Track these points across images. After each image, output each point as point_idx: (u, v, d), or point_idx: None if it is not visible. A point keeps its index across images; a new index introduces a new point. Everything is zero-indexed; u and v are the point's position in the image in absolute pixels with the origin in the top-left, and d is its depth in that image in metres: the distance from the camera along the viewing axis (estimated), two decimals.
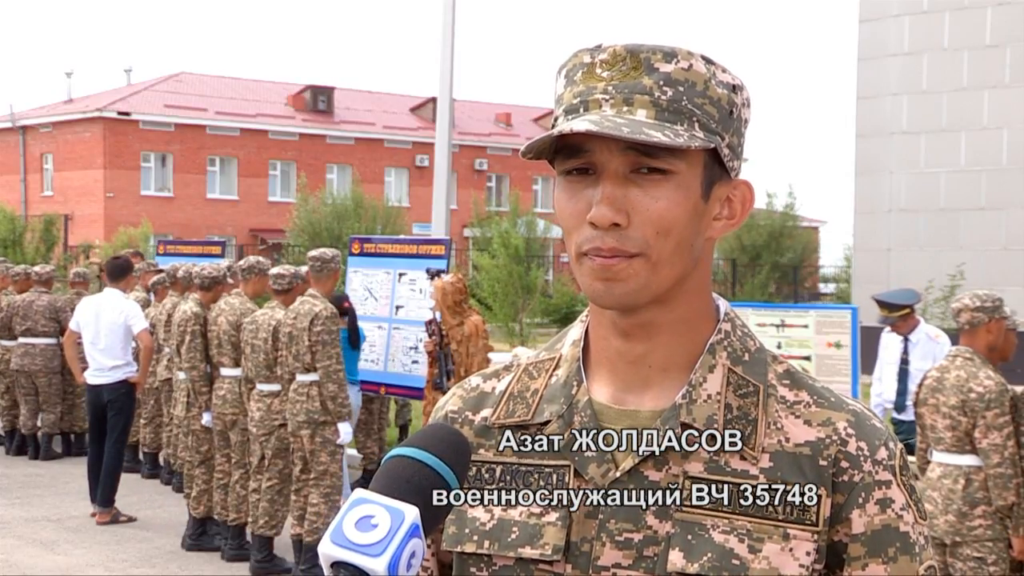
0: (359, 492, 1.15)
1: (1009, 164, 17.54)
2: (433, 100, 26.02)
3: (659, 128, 1.28)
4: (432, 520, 1.17)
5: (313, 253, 7.88)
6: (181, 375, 8.52)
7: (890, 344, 8.44)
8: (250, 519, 7.88)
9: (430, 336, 8.22)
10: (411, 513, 1.13)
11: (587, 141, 1.31)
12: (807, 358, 7.53)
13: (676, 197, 1.31)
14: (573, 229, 1.34)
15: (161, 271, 11.31)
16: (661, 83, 1.31)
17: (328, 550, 1.10)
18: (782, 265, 35.33)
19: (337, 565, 1.10)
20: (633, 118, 1.29)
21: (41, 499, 10.04)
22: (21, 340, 11.78)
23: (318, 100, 45.79)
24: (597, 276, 1.32)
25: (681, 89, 1.31)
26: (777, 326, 7.75)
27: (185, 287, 9.41)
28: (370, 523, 1.11)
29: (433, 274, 8.62)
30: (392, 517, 1.12)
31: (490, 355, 8.03)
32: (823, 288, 42.55)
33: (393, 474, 1.17)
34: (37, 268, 12.61)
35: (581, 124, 1.28)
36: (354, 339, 8.95)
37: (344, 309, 9.01)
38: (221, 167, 43.03)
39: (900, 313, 8.16)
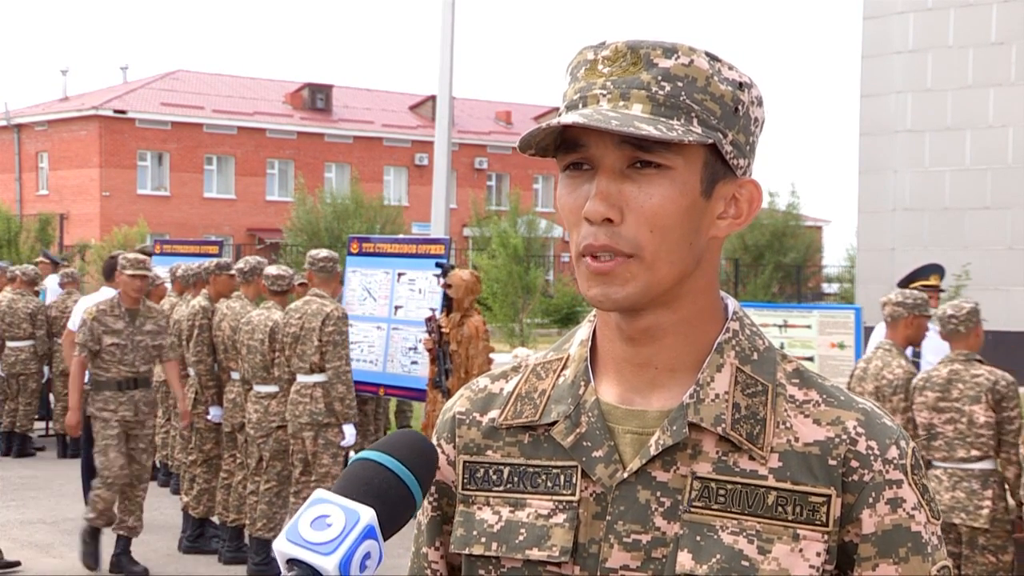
0: (319, 492, 1.16)
1: (1014, 163, 17.51)
2: (432, 98, 26.02)
3: (652, 122, 1.27)
4: (391, 523, 1.18)
5: (323, 254, 7.74)
6: (191, 371, 8.50)
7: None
8: (248, 521, 7.84)
9: (429, 334, 8.11)
10: (366, 515, 1.14)
11: (583, 136, 1.31)
12: (810, 359, 7.51)
13: (671, 193, 1.30)
14: (572, 226, 1.34)
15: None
16: (659, 78, 1.30)
17: (282, 547, 1.12)
18: (785, 265, 35.33)
19: (291, 562, 1.12)
20: (627, 112, 1.29)
21: (36, 501, 10.01)
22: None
23: (316, 98, 45.77)
24: (594, 282, 1.32)
25: (680, 85, 1.30)
26: (780, 326, 7.74)
27: (184, 287, 9.37)
28: (325, 522, 1.13)
29: (446, 269, 8.48)
30: (347, 517, 1.13)
31: (491, 356, 7.98)
32: (827, 288, 42.49)
33: (354, 476, 1.19)
34: (26, 267, 12.70)
35: (570, 117, 1.27)
36: None
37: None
38: (218, 166, 43.02)
39: (932, 283, 8.10)
